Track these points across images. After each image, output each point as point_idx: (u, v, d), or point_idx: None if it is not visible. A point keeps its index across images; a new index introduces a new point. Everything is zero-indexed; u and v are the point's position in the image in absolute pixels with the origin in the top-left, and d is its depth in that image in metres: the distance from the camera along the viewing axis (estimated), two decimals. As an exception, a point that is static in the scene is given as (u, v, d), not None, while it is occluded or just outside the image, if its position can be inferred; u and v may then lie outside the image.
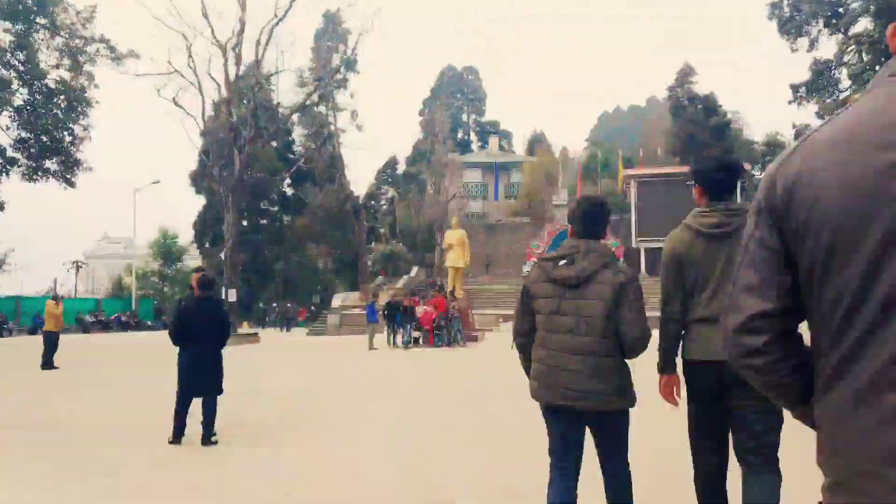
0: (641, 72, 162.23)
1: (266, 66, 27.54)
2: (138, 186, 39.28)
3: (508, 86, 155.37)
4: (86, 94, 26.90)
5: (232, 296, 26.55)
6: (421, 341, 20.79)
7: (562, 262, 3.23)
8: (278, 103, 33.44)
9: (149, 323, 40.64)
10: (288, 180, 53.52)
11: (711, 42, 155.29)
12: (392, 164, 67.35)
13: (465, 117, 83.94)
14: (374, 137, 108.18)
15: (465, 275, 35.46)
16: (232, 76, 26.30)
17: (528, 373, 3.46)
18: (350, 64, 58.45)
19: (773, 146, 55.79)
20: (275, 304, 49.10)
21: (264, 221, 51.28)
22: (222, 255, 45.38)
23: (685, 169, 54.55)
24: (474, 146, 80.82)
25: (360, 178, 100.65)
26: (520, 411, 8.43)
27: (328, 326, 32.45)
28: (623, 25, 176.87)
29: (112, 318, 38.71)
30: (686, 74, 59.26)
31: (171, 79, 25.61)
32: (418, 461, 6.26)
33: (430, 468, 5.98)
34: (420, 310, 20.53)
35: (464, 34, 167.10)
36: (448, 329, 19.91)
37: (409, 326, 20.56)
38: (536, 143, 75.17)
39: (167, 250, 49.23)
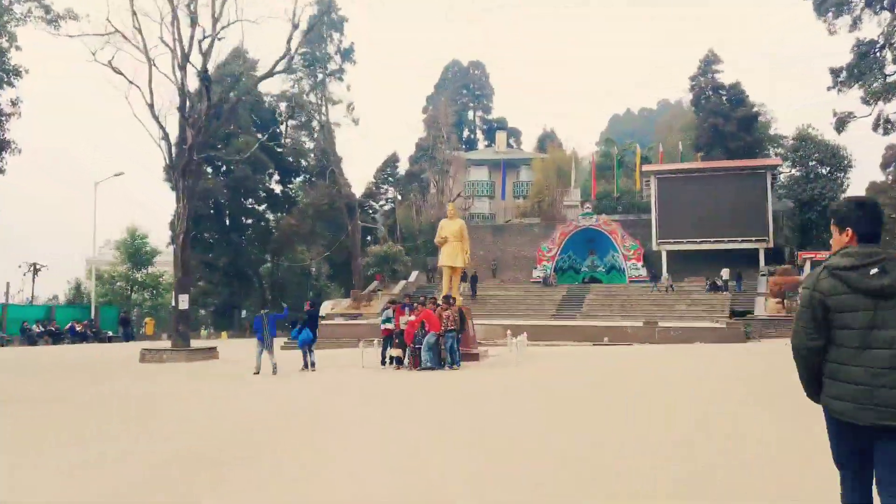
0: (652, 74, 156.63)
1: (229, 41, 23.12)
2: (98, 179, 34.45)
3: (516, 84, 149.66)
4: (9, 59, 22.57)
5: (183, 302, 22.02)
6: (406, 362, 16.12)
7: (873, 272, 3.06)
8: (250, 65, 28.46)
9: (110, 333, 36.08)
10: (276, 176, 49.07)
11: (727, 41, 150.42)
12: (392, 161, 62.96)
13: (470, 115, 79.49)
14: (373, 134, 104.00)
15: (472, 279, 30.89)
16: (186, 39, 21.85)
17: (811, 391, 3.37)
18: (346, 54, 54.29)
19: (804, 140, 50.86)
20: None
21: (249, 220, 46.79)
22: (193, 259, 40.90)
23: (711, 164, 50.18)
24: (480, 145, 76.39)
25: (358, 176, 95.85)
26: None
27: (304, 338, 27.84)
28: (630, 26, 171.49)
29: (66, 327, 34.28)
30: (710, 63, 54.58)
31: (113, 41, 21.21)
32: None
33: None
34: (403, 321, 15.89)
35: (458, 23, 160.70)
36: (438, 347, 15.26)
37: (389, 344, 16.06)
38: (547, 141, 70.78)
39: (136, 252, 44.58)
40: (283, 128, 48.50)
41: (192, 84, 22.92)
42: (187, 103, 22.16)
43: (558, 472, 5.81)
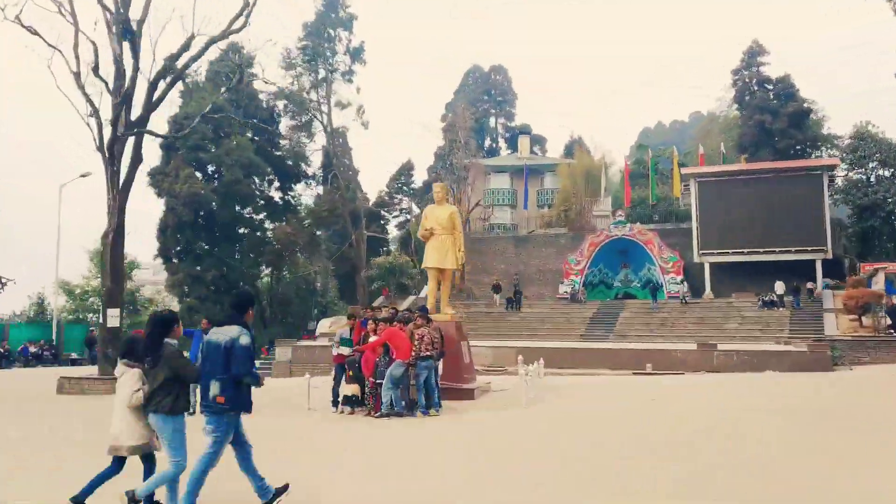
0: (683, 85, 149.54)
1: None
2: (64, 181, 30.22)
3: (538, 88, 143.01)
4: None
5: (113, 318, 17.51)
6: (367, 402, 11.26)
7: None
8: (246, 60, 23.88)
9: (73, 355, 31.82)
10: (277, 183, 44.81)
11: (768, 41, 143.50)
12: (407, 170, 58.72)
13: (492, 122, 75.03)
14: (386, 139, 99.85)
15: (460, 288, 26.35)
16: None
17: None
18: (356, 53, 50.20)
19: (863, 139, 45.22)
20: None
21: (243, 230, 42.45)
22: (181, 273, 36.52)
23: (758, 165, 44.74)
24: (503, 154, 71.81)
25: (368, 183, 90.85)
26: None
27: (275, 364, 23.14)
28: (651, 21, 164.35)
29: (19, 348, 30.11)
30: (754, 54, 49.32)
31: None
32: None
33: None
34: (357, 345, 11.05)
35: (462, 20, 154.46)
36: (407, 381, 10.43)
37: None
38: (574, 148, 65.85)
39: None
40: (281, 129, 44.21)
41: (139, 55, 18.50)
42: (125, 72, 17.80)
43: None
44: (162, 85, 18.02)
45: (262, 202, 43.50)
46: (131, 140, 18.28)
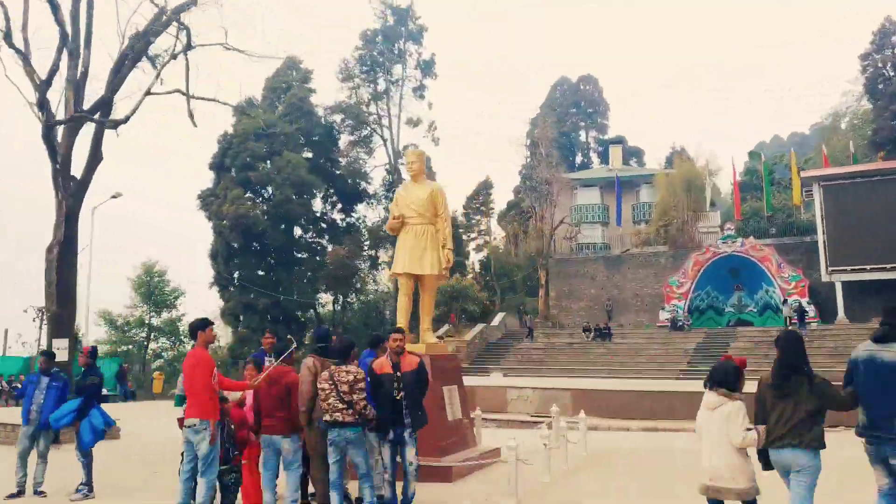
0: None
1: None
2: (96, 203, 27.88)
3: (632, 98, 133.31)
4: None
5: (60, 349, 14.14)
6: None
7: None
8: (303, 75, 20.97)
9: (105, 391, 29.28)
10: (340, 205, 41.63)
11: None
12: (485, 189, 54.58)
13: (583, 136, 69.64)
14: (461, 157, 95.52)
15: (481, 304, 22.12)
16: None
17: None
18: (426, 67, 46.86)
19: None
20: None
21: (302, 255, 39.26)
22: (232, 301, 33.53)
23: (896, 164, 37.30)
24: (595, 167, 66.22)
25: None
26: None
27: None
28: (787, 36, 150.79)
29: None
30: (887, 34, 41.79)
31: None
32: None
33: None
34: (237, 396, 6.56)
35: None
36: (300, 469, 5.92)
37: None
38: (675, 158, 59.36)
39: (152, 291, 37.73)
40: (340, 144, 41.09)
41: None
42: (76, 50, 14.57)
43: None
44: (126, 66, 14.76)
45: (323, 224, 40.36)
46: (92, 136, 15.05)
